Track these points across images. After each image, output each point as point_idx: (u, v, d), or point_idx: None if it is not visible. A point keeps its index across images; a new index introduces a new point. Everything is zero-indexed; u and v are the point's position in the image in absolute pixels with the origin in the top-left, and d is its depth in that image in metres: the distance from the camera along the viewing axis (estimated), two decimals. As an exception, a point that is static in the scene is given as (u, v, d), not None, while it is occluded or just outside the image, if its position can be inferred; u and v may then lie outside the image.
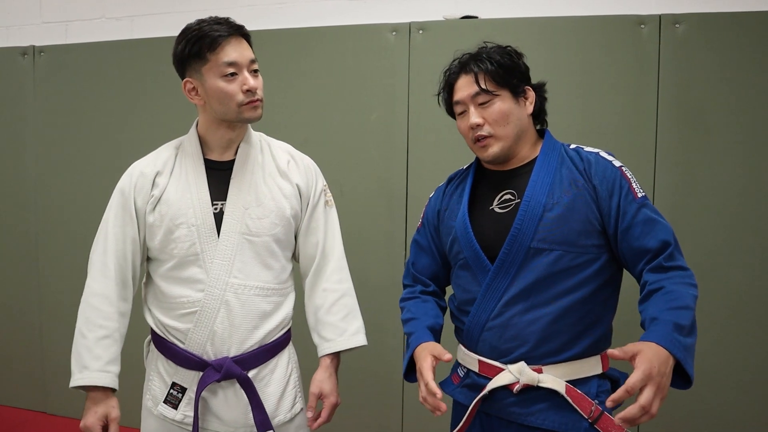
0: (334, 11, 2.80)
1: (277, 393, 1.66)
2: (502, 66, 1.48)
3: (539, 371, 1.41)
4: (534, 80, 1.56)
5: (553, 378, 1.41)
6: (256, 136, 1.70)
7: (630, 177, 1.44)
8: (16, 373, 3.19)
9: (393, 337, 2.60)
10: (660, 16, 2.28)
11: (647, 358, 1.15)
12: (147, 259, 1.68)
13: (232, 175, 1.61)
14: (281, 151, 1.71)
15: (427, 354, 1.46)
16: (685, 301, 1.29)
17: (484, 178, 1.59)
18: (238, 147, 1.64)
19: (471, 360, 1.53)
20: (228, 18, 1.55)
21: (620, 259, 1.45)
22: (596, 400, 1.39)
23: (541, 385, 1.40)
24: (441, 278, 1.69)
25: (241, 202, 1.60)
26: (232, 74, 1.52)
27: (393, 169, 2.57)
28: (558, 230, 1.42)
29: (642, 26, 2.31)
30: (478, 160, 1.63)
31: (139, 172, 1.63)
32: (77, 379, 1.56)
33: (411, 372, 1.56)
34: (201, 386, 1.57)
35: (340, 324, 1.70)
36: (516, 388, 1.42)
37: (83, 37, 3.10)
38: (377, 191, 2.60)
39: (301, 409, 1.72)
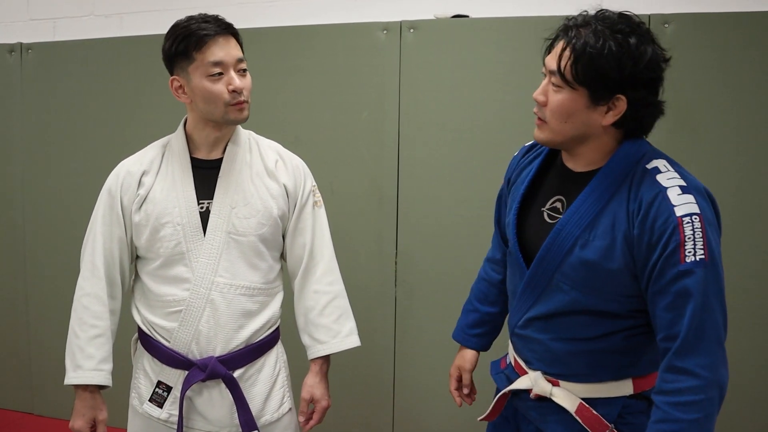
0: (324, 9, 2.79)
1: (264, 393, 1.65)
2: (593, 62, 1.18)
3: (555, 383, 1.36)
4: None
5: (567, 394, 1.34)
6: (245, 135, 1.69)
7: (689, 234, 1.15)
8: (3, 374, 3.16)
9: (383, 337, 2.59)
10: (649, 16, 2.28)
11: None
12: (136, 258, 1.67)
13: (220, 174, 1.61)
14: (270, 150, 1.70)
15: (456, 367, 1.68)
16: None
17: (551, 166, 1.42)
18: (226, 145, 1.63)
19: (511, 354, 1.52)
20: (217, 16, 1.54)
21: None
22: (614, 424, 1.31)
23: (552, 398, 1.36)
24: None
25: (228, 201, 1.59)
26: (219, 74, 1.50)
27: (384, 168, 2.57)
28: (584, 275, 1.27)
29: (632, 26, 2.31)
30: None
31: (125, 171, 1.62)
32: (71, 377, 1.59)
33: None
34: (186, 385, 1.57)
35: (333, 326, 1.69)
36: (531, 394, 1.40)
37: (71, 35, 3.06)
38: (368, 190, 2.59)
39: (290, 409, 1.72)
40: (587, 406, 1.32)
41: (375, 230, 2.59)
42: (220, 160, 1.62)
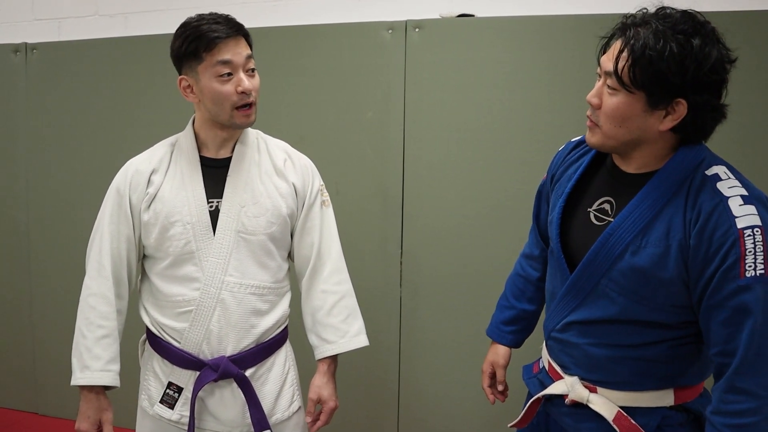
0: (329, 9, 2.79)
1: (275, 391, 1.65)
2: (653, 65, 1.12)
3: (593, 390, 1.32)
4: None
5: (605, 401, 1.30)
6: (253, 134, 1.69)
7: (750, 248, 1.10)
8: (7, 373, 3.15)
9: (388, 338, 2.59)
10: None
11: None
12: (143, 257, 1.66)
13: (229, 173, 1.60)
14: (278, 149, 1.70)
15: (489, 363, 1.65)
16: None
17: (600, 165, 1.36)
18: (234, 144, 1.63)
19: (545, 356, 1.47)
20: (228, 16, 1.53)
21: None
22: None
23: (589, 405, 1.31)
24: None
25: (237, 199, 1.58)
26: (228, 74, 1.50)
27: (389, 168, 2.56)
28: (634, 282, 1.22)
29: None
30: None
31: (134, 169, 1.62)
32: (78, 378, 1.58)
33: None
34: (198, 386, 1.56)
35: (341, 326, 1.69)
36: (567, 400, 1.35)
37: (76, 35, 3.06)
38: (373, 190, 2.59)
39: (299, 407, 1.72)
40: (625, 414, 1.27)
41: (380, 230, 2.59)
42: (229, 159, 1.62)
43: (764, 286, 1.10)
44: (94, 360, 1.57)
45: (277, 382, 1.66)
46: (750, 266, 1.10)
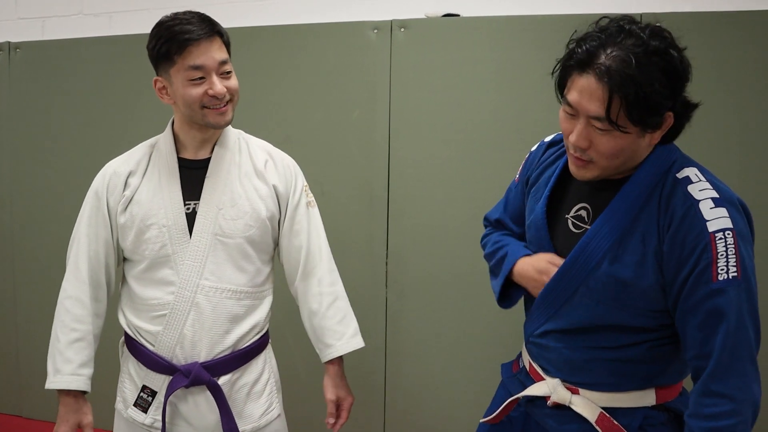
0: (314, 8, 2.78)
1: (251, 399, 1.63)
2: (649, 101, 1.09)
3: (575, 391, 1.31)
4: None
5: (587, 403, 1.29)
6: (234, 134, 1.66)
7: (722, 251, 1.11)
8: (-8, 376, 3.13)
9: (374, 338, 2.57)
10: (641, 14, 2.25)
11: None
12: (123, 260, 1.65)
13: (207, 175, 1.58)
14: (260, 150, 1.68)
15: (549, 260, 1.32)
16: None
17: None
18: (214, 145, 1.61)
19: (526, 357, 1.46)
20: (202, 15, 1.50)
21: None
22: None
23: (572, 407, 1.31)
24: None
25: (215, 202, 1.57)
26: (200, 78, 1.48)
27: (374, 168, 2.55)
28: (611, 289, 1.21)
29: (624, 25, 2.29)
30: None
31: (112, 171, 1.60)
32: (50, 382, 1.58)
33: (505, 298, 1.46)
34: (169, 391, 1.55)
35: (338, 327, 1.69)
36: (549, 402, 1.35)
37: (60, 34, 3.04)
38: (358, 190, 2.58)
39: (278, 415, 1.70)
40: (608, 416, 1.27)
41: (366, 231, 2.58)
42: (208, 160, 1.60)
43: (737, 288, 1.11)
44: (65, 363, 1.56)
45: (253, 389, 1.64)
46: (722, 269, 1.11)
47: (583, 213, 1.28)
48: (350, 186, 2.58)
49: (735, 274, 1.10)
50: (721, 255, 1.11)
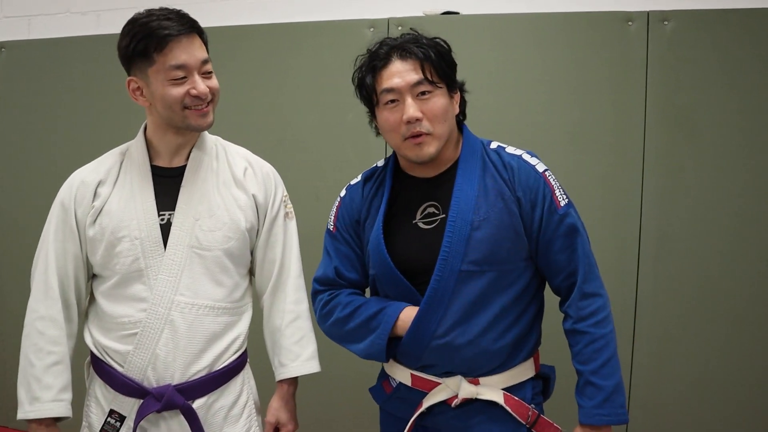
0: (309, 6, 2.72)
1: (228, 423, 1.54)
2: (444, 58, 1.38)
3: (476, 383, 1.39)
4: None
5: (491, 388, 1.39)
6: (211, 140, 1.57)
7: (553, 183, 1.39)
8: (-25, 385, 3.05)
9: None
10: (648, 12, 2.22)
11: None
12: (92, 276, 1.55)
13: (183, 183, 1.49)
14: (238, 157, 1.59)
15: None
16: (609, 352, 1.35)
17: (404, 185, 1.47)
18: (190, 152, 1.52)
19: (401, 373, 1.46)
20: (180, 11, 1.42)
21: (539, 269, 1.43)
22: (532, 404, 1.41)
23: (480, 397, 1.38)
24: (363, 291, 1.56)
25: (191, 212, 1.48)
26: (182, 78, 1.39)
27: (370, 172, 2.48)
28: (488, 251, 1.35)
29: (630, 23, 2.24)
30: (395, 162, 1.51)
31: (79, 181, 1.51)
32: (27, 411, 1.47)
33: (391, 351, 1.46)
34: (139, 416, 1.44)
35: (294, 348, 1.60)
36: (455, 402, 1.38)
37: (47, 32, 2.98)
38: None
39: None
40: (509, 394, 1.39)
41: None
42: (184, 167, 1.51)
43: (572, 208, 1.40)
44: (44, 390, 1.45)
45: (230, 413, 1.54)
46: (560, 197, 1.39)
47: (432, 209, 1.42)
48: (345, 190, 2.51)
49: (567, 198, 1.40)
50: (556, 187, 1.39)
